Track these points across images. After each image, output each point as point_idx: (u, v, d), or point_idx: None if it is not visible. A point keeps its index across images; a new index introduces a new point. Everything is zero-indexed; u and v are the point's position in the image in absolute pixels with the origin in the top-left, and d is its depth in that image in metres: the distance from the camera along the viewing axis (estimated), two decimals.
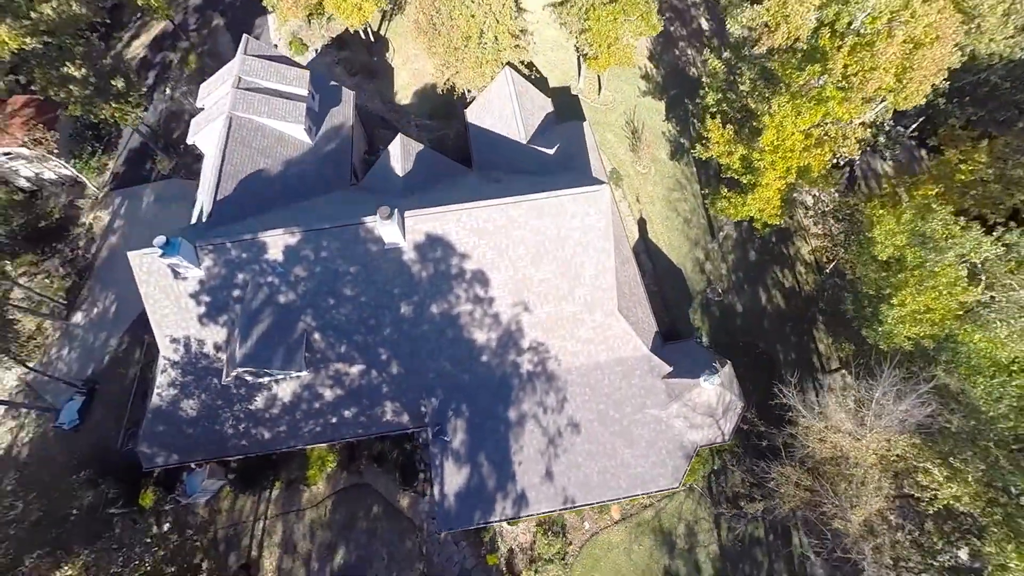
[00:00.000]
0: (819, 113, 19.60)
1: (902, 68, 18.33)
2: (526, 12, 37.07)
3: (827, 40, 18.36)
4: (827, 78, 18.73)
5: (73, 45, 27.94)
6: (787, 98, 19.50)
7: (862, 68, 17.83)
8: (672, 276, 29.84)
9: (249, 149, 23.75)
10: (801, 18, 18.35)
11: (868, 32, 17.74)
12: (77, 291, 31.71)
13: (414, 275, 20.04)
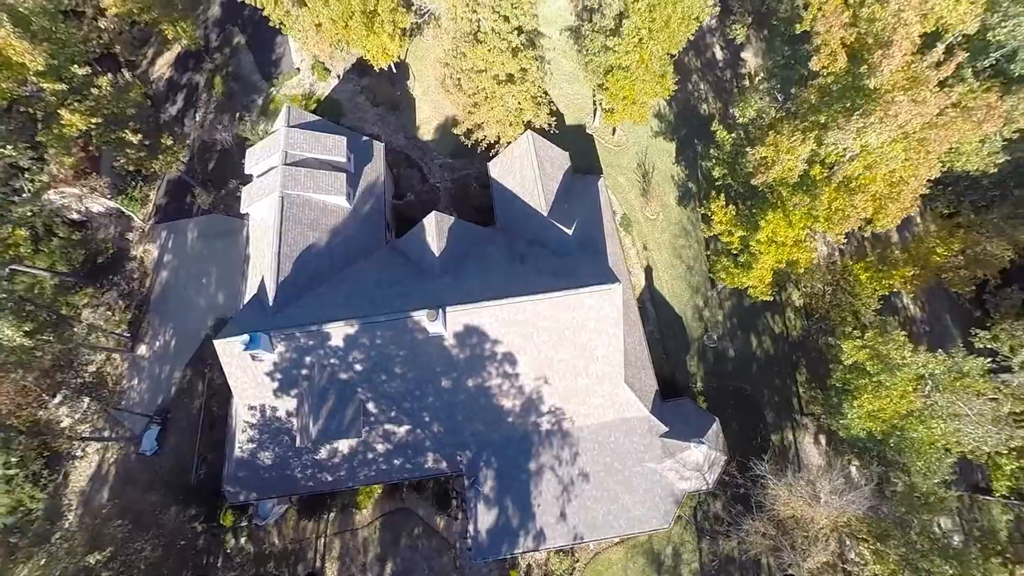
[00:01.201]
0: (809, 222, 22.62)
1: (881, 203, 21.13)
2: (543, 38, 38.39)
3: (818, 170, 21.02)
4: (815, 204, 21.58)
5: (126, 108, 30.21)
6: (780, 213, 22.44)
7: (843, 206, 20.66)
8: (673, 324, 33.56)
9: (300, 225, 26.89)
10: (795, 160, 20.91)
11: (851, 176, 20.46)
12: (138, 324, 35.59)
13: (453, 357, 23.88)
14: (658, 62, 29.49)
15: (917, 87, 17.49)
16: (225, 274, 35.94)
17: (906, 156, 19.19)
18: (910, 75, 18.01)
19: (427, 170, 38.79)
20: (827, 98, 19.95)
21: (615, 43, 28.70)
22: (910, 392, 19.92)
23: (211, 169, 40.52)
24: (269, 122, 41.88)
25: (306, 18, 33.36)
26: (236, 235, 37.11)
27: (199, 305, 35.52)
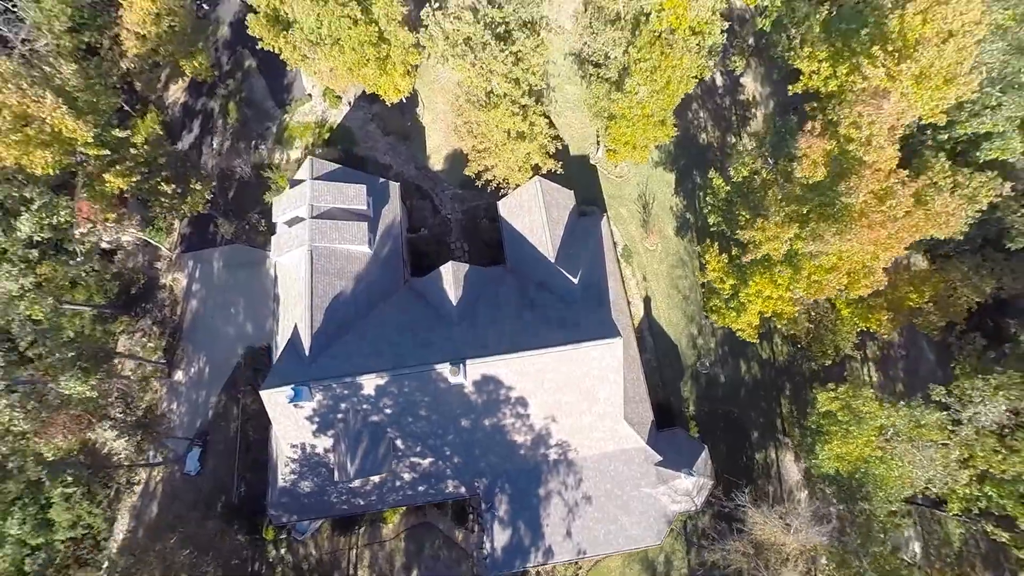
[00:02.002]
0: (792, 285, 25.42)
1: (854, 277, 23.82)
2: (548, 63, 39.98)
3: (800, 245, 23.63)
4: (797, 275, 24.27)
5: (158, 157, 32.32)
6: (767, 277, 25.19)
7: (821, 279, 23.32)
8: (669, 352, 36.68)
9: (328, 275, 29.59)
10: (780, 243, 23.43)
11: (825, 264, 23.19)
12: (173, 351, 38.61)
13: (472, 401, 27.04)
14: (659, 112, 31.55)
15: (888, 198, 20.01)
16: (252, 304, 38.74)
17: (875, 252, 21.87)
18: (883, 189, 20.52)
19: (438, 201, 41.10)
20: (809, 194, 22.48)
21: (618, 97, 30.73)
22: (873, 439, 23.15)
23: (231, 198, 42.72)
24: (285, 150, 43.88)
25: (322, 62, 35.07)
26: (259, 266, 39.77)
27: (229, 334, 38.45)
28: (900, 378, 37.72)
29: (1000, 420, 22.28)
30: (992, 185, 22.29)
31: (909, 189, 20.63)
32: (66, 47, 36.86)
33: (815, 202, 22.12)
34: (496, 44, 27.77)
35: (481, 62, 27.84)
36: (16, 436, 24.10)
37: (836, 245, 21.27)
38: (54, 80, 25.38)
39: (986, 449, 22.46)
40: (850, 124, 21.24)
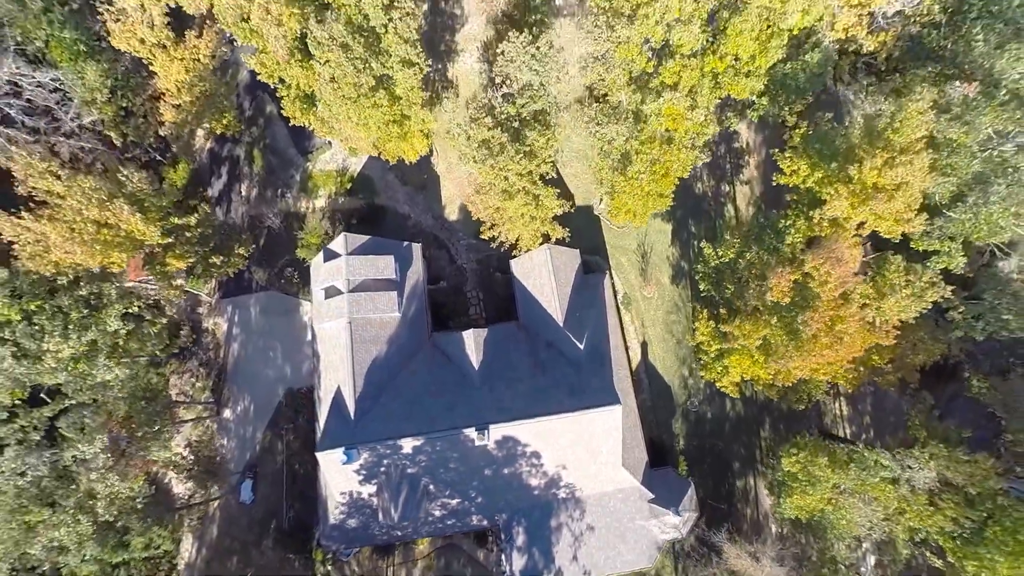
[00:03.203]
0: (765, 364, 30.06)
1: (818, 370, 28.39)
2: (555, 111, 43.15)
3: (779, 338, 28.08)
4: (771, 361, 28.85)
5: (207, 230, 36.08)
6: (747, 358, 29.77)
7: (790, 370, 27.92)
8: (663, 393, 41.63)
9: (365, 343, 34.09)
10: (755, 340, 27.76)
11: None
12: (220, 391, 43.40)
13: (494, 455, 32.10)
14: (657, 191, 35.31)
15: (838, 323, 24.33)
16: (289, 349, 43.31)
17: (832, 362, 26.42)
18: (837, 316, 24.87)
19: (454, 251, 45.08)
20: (778, 311, 26.78)
21: (619, 179, 34.45)
22: (827, 494, 28.31)
23: (262, 245, 46.58)
24: (310, 199, 47.43)
25: (348, 136, 38.42)
26: (293, 313, 44.13)
27: (269, 375, 43.19)
28: (868, 411, 42.93)
29: (930, 485, 27.32)
30: (936, 289, 26.60)
31: (856, 315, 25.03)
32: (108, 116, 40.07)
33: (782, 318, 26.49)
34: (511, 146, 31.27)
35: (499, 164, 31.41)
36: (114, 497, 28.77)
37: (797, 361, 25.78)
38: (126, 187, 28.97)
39: (918, 504, 27.57)
40: (811, 267, 25.35)
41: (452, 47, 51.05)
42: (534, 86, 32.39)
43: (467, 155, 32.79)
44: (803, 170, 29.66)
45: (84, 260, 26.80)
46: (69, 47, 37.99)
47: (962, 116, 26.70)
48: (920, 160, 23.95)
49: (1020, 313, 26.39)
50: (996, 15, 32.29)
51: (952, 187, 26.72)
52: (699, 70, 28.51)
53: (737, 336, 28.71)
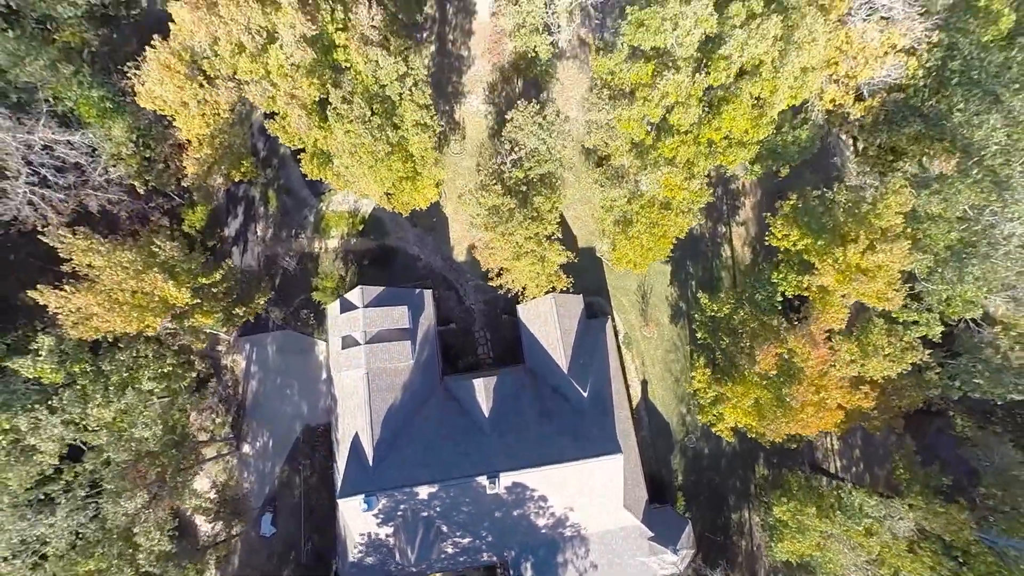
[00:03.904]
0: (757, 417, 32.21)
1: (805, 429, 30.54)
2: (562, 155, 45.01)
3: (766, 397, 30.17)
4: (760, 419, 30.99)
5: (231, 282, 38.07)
6: (739, 411, 31.90)
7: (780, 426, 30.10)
8: (662, 430, 43.82)
9: (381, 391, 36.21)
10: (746, 400, 29.90)
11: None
12: (239, 426, 45.50)
13: (504, 500, 34.30)
14: (656, 248, 37.35)
15: (822, 391, 26.46)
16: (305, 387, 45.42)
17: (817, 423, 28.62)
18: (822, 386, 27.00)
19: (463, 292, 47.13)
20: (766, 380, 28.99)
21: (620, 237, 36.46)
22: (815, 540, 30.52)
23: (278, 285, 48.60)
24: (323, 239, 49.40)
25: (360, 185, 40.37)
26: (309, 353, 46.20)
27: (287, 412, 45.32)
28: (857, 445, 45.19)
29: (910, 535, 29.50)
30: (915, 353, 28.72)
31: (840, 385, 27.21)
32: (133, 168, 41.99)
33: (771, 384, 28.66)
34: (520, 211, 33.27)
35: (508, 230, 33.40)
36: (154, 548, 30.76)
37: (785, 426, 27.95)
38: (159, 256, 30.95)
39: (899, 551, 29.76)
40: (794, 344, 27.46)
41: (459, 88, 52.92)
42: (541, 152, 34.34)
43: (478, 222, 34.74)
44: (794, 235, 31.72)
45: (122, 326, 28.81)
46: (96, 105, 39.88)
47: (941, 191, 28.74)
48: (900, 246, 26.04)
49: (991, 379, 28.53)
50: (975, 82, 34.29)
51: (930, 263, 28.78)
52: (695, 144, 30.49)
53: (730, 397, 30.87)
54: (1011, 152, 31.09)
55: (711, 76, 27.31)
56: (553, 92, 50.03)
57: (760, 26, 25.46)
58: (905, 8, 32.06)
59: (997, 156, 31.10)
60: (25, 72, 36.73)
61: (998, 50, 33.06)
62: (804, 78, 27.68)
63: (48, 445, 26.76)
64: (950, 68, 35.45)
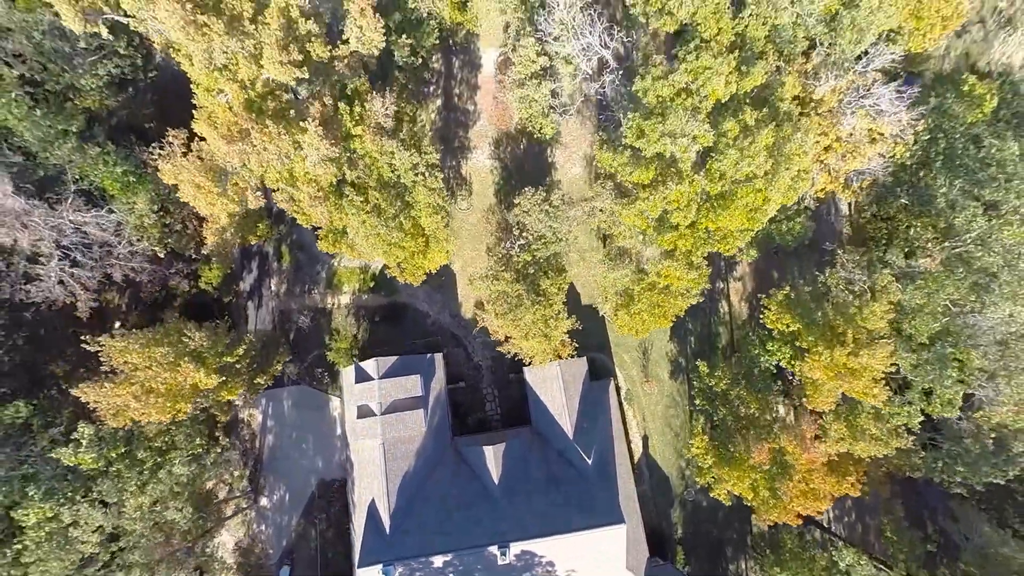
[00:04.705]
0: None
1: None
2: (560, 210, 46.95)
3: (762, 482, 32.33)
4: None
5: (252, 350, 40.00)
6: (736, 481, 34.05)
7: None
8: (662, 483, 45.95)
9: (397, 461, 38.26)
10: (743, 483, 32.02)
11: None
12: (256, 479, 47.52)
13: (515, 567, 36.48)
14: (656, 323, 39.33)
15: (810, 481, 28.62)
16: (320, 442, 47.44)
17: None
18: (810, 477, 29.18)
19: (471, 349, 49.08)
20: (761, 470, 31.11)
21: (623, 312, 38.42)
22: None
23: (292, 340, 50.51)
24: (336, 295, 51.27)
25: (374, 257, 42.26)
26: (324, 408, 48.18)
27: (303, 466, 47.35)
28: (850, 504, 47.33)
29: None
30: (900, 439, 30.80)
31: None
32: (155, 236, 43.81)
33: (765, 474, 30.80)
34: (527, 296, 35.18)
35: (516, 316, 35.34)
36: None
37: (776, 513, 30.09)
38: (188, 346, 32.86)
39: None
40: (787, 443, 29.54)
41: (465, 143, 54.68)
42: (547, 236, 36.24)
43: (488, 310, 36.67)
44: (787, 319, 33.74)
45: (157, 416, 30.76)
46: (120, 179, 41.66)
47: (925, 287, 30.72)
48: (883, 350, 28.05)
49: (971, 467, 30.54)
50: (958, 168, 36.27)
51: (913, 360, 30.80)
52: (692, 236, 32.42)
53: (726, 480, 32.98)
54: (988, 242, 33.12)
55: (709, 185, 29.20)
56: (556, 152, 51.98)
57: (751, 145, 27.34)
58: (893, 101, 33.92)
59: (976, 242, 33.11)
60: (54, 155, 38.49)
61: (974, 143, 34.98)
62: (795, 184, 29.57)
63: (89, 536, 28.74)
64: (935, 149, 37.44)
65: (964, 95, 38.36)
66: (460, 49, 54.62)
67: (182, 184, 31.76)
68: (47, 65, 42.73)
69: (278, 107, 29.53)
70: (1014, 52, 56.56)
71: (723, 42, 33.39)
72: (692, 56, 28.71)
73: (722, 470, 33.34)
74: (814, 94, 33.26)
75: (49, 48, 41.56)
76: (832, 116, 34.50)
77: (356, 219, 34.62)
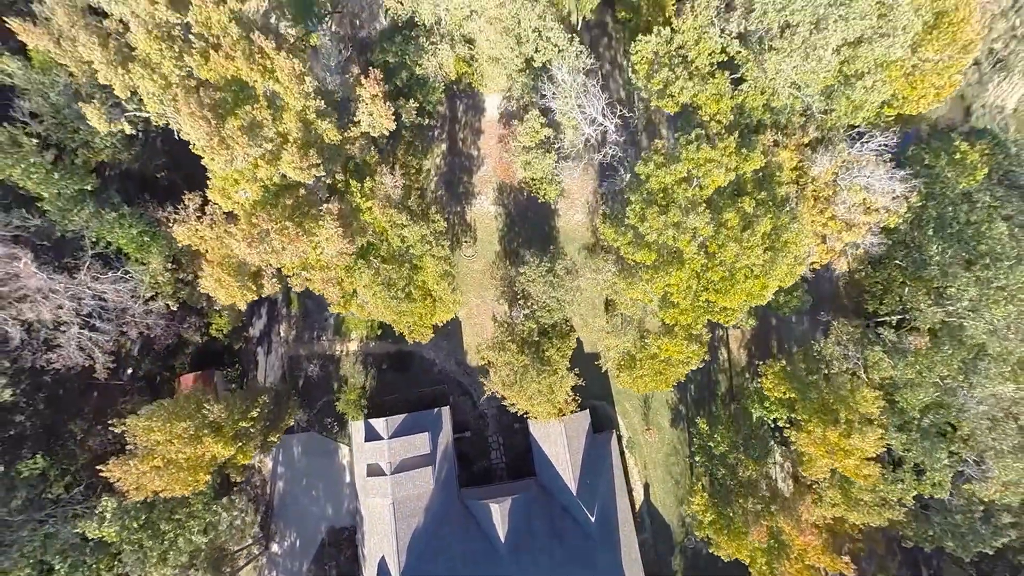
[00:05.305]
0: None
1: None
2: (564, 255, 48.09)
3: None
4: None
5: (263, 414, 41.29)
6: (735, 546, 35.37)
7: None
8: (663, 531, 47.33)
9: (406, 519, 39.61)
10: (744, 552, 33.36)
11: None
12: (268, 525, 48.87)
13: None
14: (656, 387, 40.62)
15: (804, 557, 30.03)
16: (329, 488, 48.78)
17: None
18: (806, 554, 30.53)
19: (476, 396, 50.34)
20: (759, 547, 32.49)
21: (624, 375, 39.68)
22: None
23: (301, 387, 51.79)
24: (343, 342, 52.51)
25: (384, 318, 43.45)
26: (333, 456, 49.50)
27: (313, 512, 48.70)
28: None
29: None
30: (891, 510, 32.13)
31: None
32: (168, 291, 45.04)
33: (761, 551, 32.24)
34: (533, 367, 36.42)
35: (522, 386, 36.61)
36: None
37: None
38: (207, 418, 34.14)
39: None
40: (784, 524, 30.91)
41: (469, 189, 55.83)
42: (552, 306, 37.48)
43: (495, 381, 37.92)
44: (783, 388, 35.02)
45: (180, 490, 32.11)
46: (136, 240, 42.86)
47: (915, 364, 31.99)
48: (872, 435, 29.36)
49: (959, 542, 31.84)
50: (950, 236, 37.52)
51: (904, 442, 32.14)
52: (692, 311, 33.65)
53: (725, 547, 34.33)
54: (979, 310, 34.37)
55: (710, 272, 30.42)
56: (558, 199, 53.08)
57: (751, 238, 28.53)
58: (885, 180, 35.12)
59: (967, 312, 34.36)
60: (73, 222, 39.67)
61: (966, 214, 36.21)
62: (792, 269, 30.79)
63: None
64: (927, 215, 38.69)
65: (956, 162, 39.57)
66: (464, 93, 55.77)
67: (204, 278, 32.98)
68: (63, 122, 43.87)
69: (295, 203, 30.74)
70: (1008, 95, 57.87)
71: (723, 121, 34.59)
72: (693, 147, 29.91)
73: (721, 537, 34.68)
74: (811, 171, 34.46)
75: (64, 106, 42.63)
76: (828, 188, 35.72)
77: (368, 291, 35.85)
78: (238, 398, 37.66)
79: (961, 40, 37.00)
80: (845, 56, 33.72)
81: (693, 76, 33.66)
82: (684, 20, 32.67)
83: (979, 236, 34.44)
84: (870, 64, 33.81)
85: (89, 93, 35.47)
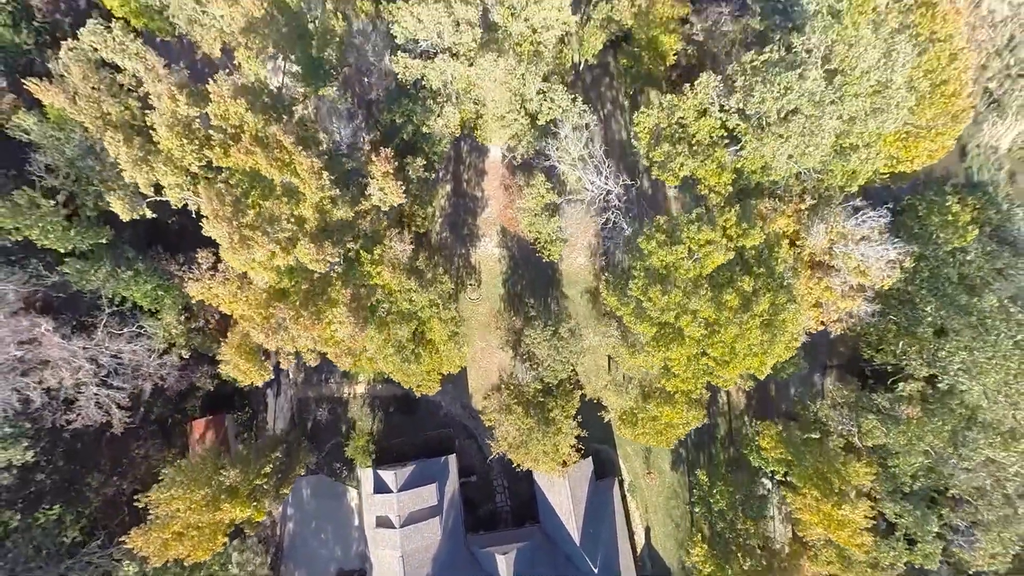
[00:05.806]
0: None
1: None
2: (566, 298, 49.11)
3: None
4: None
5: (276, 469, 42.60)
6: None
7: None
8: (664, 574, 48.67)
9: (415, 569, 40.94)
10: None
11: None
12: (277, 567, 50.21)
13: None
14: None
15: None
16: (338, 531, 50.13)
17: None
18: None
19: (481, 440, 51.64)
20: None
21: (627, 430, 41.01)
22: None
23: (309, 429, 53.07)
24: (351, 384, 53.73)
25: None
26: (342, 498, 50.81)
27: (322, 555, 50.06)
28: None
29: None
30: (883, 573, 33.57)
31: None
32: (181, 342, 46.24)
33: None
34: (538, 429, 37.71)
35: (528, 448, 37.91)
36: None
37: None
38: (224, 483, 35.43)
39: None
40: None
41: (474, 231, 56.94)
42: (556, 368, 38.75)
43: (502, 445, 39.22)
44: (780, 450, 36.38)
45: (201, 555, 33.47)
46: (150, 295, 44.05)
47: (907, 432, 33.33)
48: (862, 509, 30.75)
49: None
50: (943, 296, 38.83)
51: (896, 511, 33.53)
52: (692, 377, 34.95)
53: None
54: (973, 374, 35.69)
55: (710, 348, 31.68)
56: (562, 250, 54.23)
57: (750, 319, 29.78)
58: (878, 253, 36.32)
59: (960, 374, 35.68)
60: (91, 283, 40.80)
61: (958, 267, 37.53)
62: (790, 344, 32.06)
63: None
64: (920, 277, 39.97)
65: (948, 223, 40.81)
66: (467, 136, 56.84)
67: (224, 363, 34.32)
68: (77, 176, 44.89)
69: (310, 289, 31.98)
70: (1003, 136, 59.06)
71: (723, 193, 35.80)
72: (694, 228, 31.11)
73: None
74: (807, 242, 35.69)
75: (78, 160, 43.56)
76: (825, 254, 36.95)
77: (378, 354, 37.09)
78: (251, 453, 38.91)
79: (952, 110, 38.27)
80: (840, 130, 34.92)
81: (694, 149, 34.83)
82: (685, 99, 33.82)
83: (971, 308, 35.72)
84: (865, 139, 35.02)
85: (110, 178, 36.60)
